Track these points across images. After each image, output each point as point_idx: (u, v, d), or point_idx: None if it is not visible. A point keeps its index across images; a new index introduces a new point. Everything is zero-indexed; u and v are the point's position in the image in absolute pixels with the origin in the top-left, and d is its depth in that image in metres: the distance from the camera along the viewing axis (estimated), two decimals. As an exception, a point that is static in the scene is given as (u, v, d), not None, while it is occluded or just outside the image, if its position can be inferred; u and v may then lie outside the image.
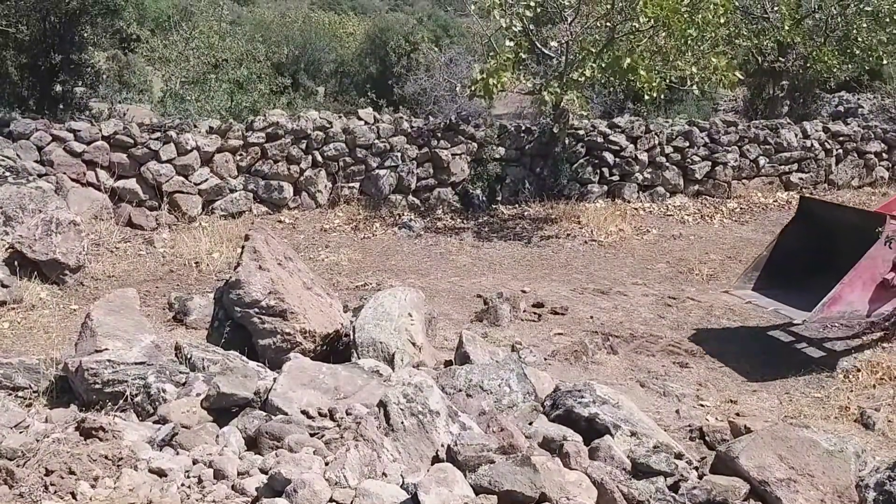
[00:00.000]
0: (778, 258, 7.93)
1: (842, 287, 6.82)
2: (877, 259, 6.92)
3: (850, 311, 7.03)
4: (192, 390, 4.70)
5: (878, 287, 7.01)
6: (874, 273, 6.96)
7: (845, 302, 6.92)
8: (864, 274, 6.92)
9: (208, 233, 10.43)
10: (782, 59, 15.76)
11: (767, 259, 7.99)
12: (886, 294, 7.10)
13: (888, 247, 6.86)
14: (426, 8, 37.89)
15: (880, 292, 7.06)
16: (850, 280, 6.86)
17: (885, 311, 7.22)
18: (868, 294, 7.01)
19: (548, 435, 4.35)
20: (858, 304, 7.00)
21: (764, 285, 7.85)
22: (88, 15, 12.28)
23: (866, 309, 7.07)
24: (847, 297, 6.88)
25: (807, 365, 7.05)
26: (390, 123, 12.18)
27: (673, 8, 10.23)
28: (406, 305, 6.36)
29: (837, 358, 7.16)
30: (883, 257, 6.93)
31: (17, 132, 10.35)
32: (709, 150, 13.38)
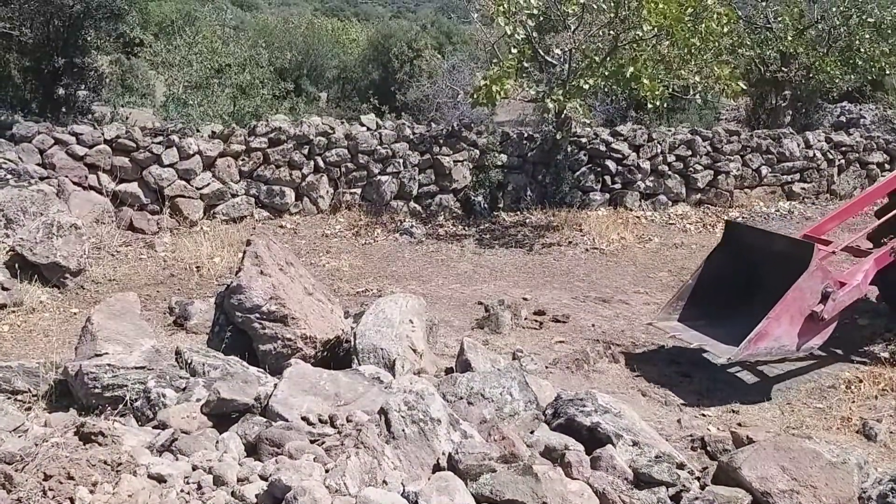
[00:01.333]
0: (705, 287, 7.47)
1: (768, 322, 6.45)
2: (805, 291, 6.56)
3: (777, 346, 6.62)
4: (193, 395, 4.68)
5: (806, 320, 6.61)
6: (802, 306, 6.58)
7: (772, 337, 6.54)
8: (791, 307, 6.55)
9: (209, 237, 10.43)
10: (785, 69, 15.78)
11: (694, 288, 7.56)
12: (816, 327, 6.69)
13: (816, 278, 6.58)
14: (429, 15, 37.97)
15: (809, 326, 6.65)
16: (777, 314, 6.49)
17: (814, 345, 6.81)
18: (796, 328, 6.61)
19: (549, 444, 4.33)
20: (786, 339, 6.60)
21: (690, 316, 7.41)
22: (92, 19, 12.30)
23: (795, 343, 6.66)
24: (774, 332, 6.51)
25: (812, 377, 7.01)
26: (393, 129, 12.18)
27: (676, 17, 10.24)
28: (407, 312, 6.34)
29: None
30: (811, 289, 6.59)
31: (19, 135, 10.36)
32: (711, 159, 13.39)
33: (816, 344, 6.84)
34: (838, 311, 6.74)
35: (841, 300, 6.68)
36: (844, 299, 6.72)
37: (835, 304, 6.63)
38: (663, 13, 10.18)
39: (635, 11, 10.52)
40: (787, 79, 15.81)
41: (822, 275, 6.67)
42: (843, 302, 6.72)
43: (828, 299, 6.59)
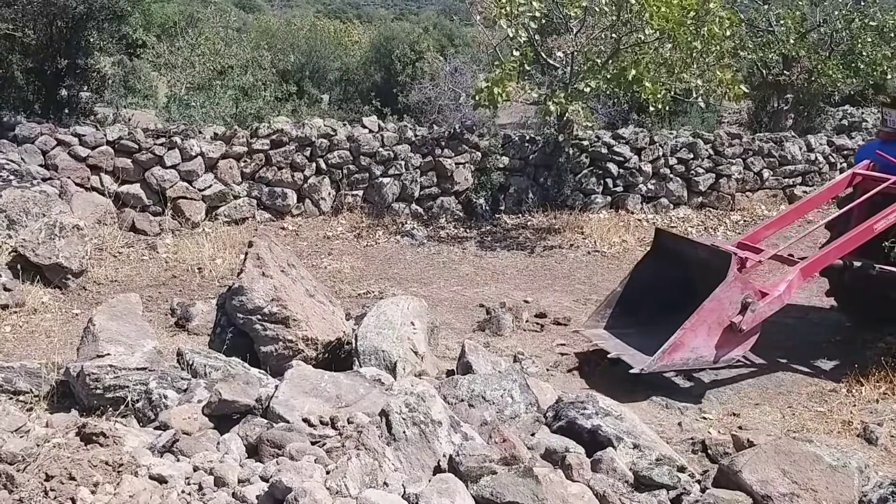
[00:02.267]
0: (636, 295, 7.37)
1: (683, 333, 6.35)
2: (723, 301, 6.45)
3: (694, 357, 6.51)
4: (194, 397, 4.69)
5: (725, 331, 6.51)
6: (721, 316, 6.48)
7: (688, 348, 6.44)
8: (709, 318, 6.44)
9: (211, 239, 10.44)
10: (787, 73, 15.79)
11: (623, 295, 7.43)
12: (735, 338, 6.59)
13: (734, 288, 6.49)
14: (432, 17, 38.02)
15: (728, 336, 6.54)
16: (694, 325, 6.39)
17: (734, 356, 6.70)
18: (714, 339, 6.50)
19: (550, 446, 4.34)
20: (704, 350, 6.49)
21: (617, 324, 7.31)
22: (95, 20, 12.30)
23: (713, 355, 6.54)
24: (690, 342, 6.40)
25: (812, 381, 7.01)
26: (394, 132, 12.19)
27: (678, 21, 10.25)
28: (408, 314, 6.36)
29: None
30: (730, 299, 6.48)
31: (22, 136, 10.37)
32: (713, 163, 13.38)
33: (737, 355, 6.73)
34: (758, 322, 6.62)
35: (761, 311, 6.57)
36: (764, 310, 6.60)
37: (754, 315, 6.52)
38: (665, 16, 10.19)
39: (637, 15, 10.53)
40: (789, 82, 15.81)
41: (742, 285, 6.55)
42: (764, 313, 6.60)
43: (747, 310, 6.48)
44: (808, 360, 7.56)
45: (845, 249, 7.16)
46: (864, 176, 7.76)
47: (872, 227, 7.06)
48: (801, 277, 6.90)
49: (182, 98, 13.83)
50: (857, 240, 7.12)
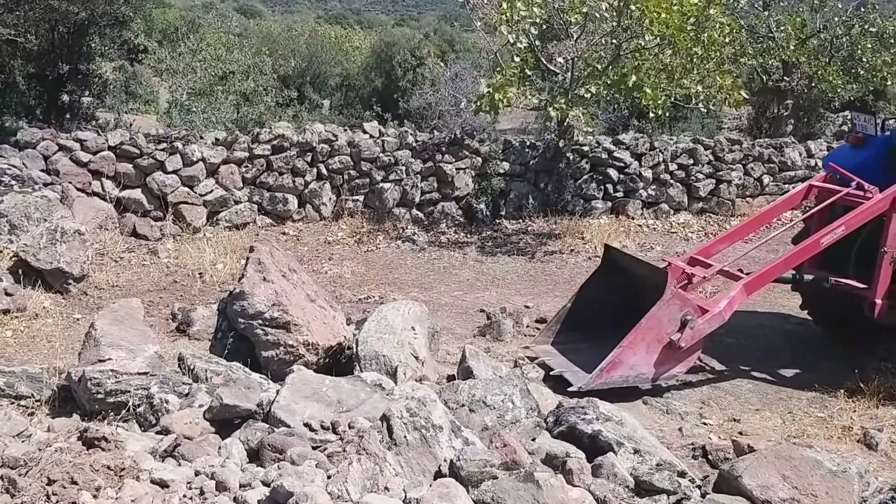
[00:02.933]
0: (584, 310, 7.33)
1: (621, 350, 6.31)
2: (661, 319, 6.40)
3: (633, 374, 6.46)
4: (195, 401, 4.70)
5: (665, 349, 6.46)
6: (660, 333, 6.43)
7: (627, 366, 6.39)
8: (647, 335, 6.40)
9: (212, 244, 10.45)
10: (787, 79, 15.82)
11: (572, 311, 7.40)
12: (675, 356, 6.54)
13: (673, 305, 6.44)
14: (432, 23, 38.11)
15: (668, 354, 6.50)
16: (632, 342, 6.35)
17: (675, 373, 6.67)
18: (654, 356, 6.45)
19: (551, 451, 4.35)
20: (644, 368, 6.44)
21: (567, 339, 7.28)
22: (97, 26, 12.33)
23: (652, 372, 6.49)
24: (629, 360, 6.36)
25: (812, 387, 7.01)
26: (395, 137, 12.21)
27: (679, 27, 10.28)
28: (409, 319, 6.37)
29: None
30: (668, 316, 6.42)
31: (23, 141, 10.39)
32: (713, 168, 13.40)
33: (678, 372, 6.69)
34: (698, 340, 6.58)
35: (700, 328, 6.52)
36: (704, 327, 6.55)
37: (693, 332, 6.48)
38: (666, 23, 10.21)
39: (638, 21, 10.56)
40: (789, 88, 15.85)
41: (680, 302, 6.50)
42: (703, 330, 6.56)
43: (686, 327, 6.44)
44: (808, 364, 7.56)
45: (791, 264, 7.10)
46: (819, 188, 7.68)
47: (819, 241, 7.00)
48: (743, 293, 6.82)
49: (183, 103, 13.85)
50: (804, 254, 7.08)
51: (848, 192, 7.24)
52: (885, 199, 6.96)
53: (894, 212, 6.99)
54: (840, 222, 6.98)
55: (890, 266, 7.02)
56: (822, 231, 7.09)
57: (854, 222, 6.97)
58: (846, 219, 6.98)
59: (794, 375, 7.35)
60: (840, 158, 7.87)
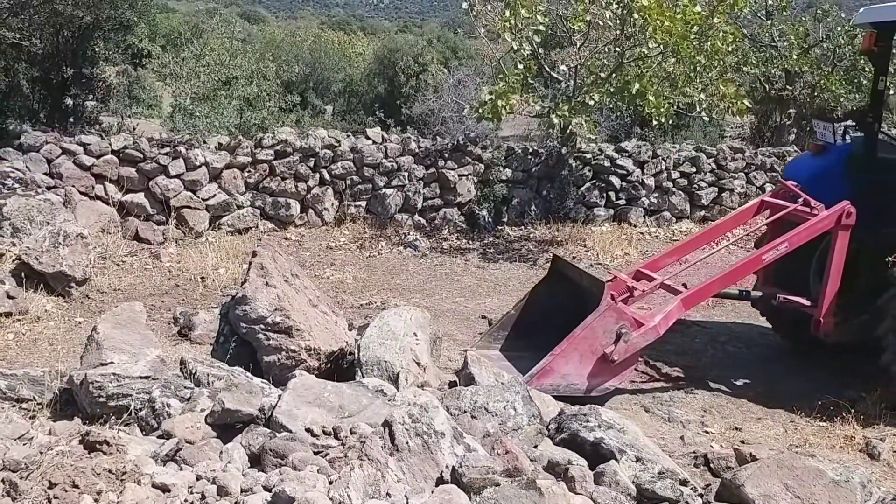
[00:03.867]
0: (532, 318, 7.24)
1: (553, 359, 6.24)
2: (595, 330, 6.34)
3: (565, 384, 6.35)
4: (197, 405, 4.69)
5: (598, 360, 6.38)
6: (594, 345, 6.36)
7: (559, 375, 6.31)
8: (581, 345, 6.34)
9: (214, 248, 10.45)
10: (790, 88, 15.84)
11: (518, 319, 7.32)
12: (609, 368, 6.44)
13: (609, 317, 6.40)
14: (435, 30, 38.17)
15: (602, 366, 6.41)
16: (564, 351, 6.28)
17: (608, 386, 6.53)
18: (587, 368, 6.37)
19: (553, 459, 4.33)
20: (576, 378, 6.35)
21: (512, 347, 7.18)
22: (101, 30, 12.35)
23: (585, 384, 6.39)
24: (561, 369, 6.28)
25: (813, 395, 7.00)
26: (398, 143, 12.23)
27: (682, 35, 10.29)
28: (411, 325, 6.36)
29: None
30: (603, 328, 6.35)
31: (27, 144, 10.40)
32: (715, 177, 13.42)
33: (611, 386, 6.57)
34: (632, 353, 6.51)
35: (635, 342, 6.44)
36: (638, 341, 6.47)
37: (627, 345, 6.40)
38: (669, 31, 10.22)
39: (641, 29, 10.57)
40: (792, 97, 15.87)
41: (616, 315, 6.42)
42: (638, 343, 6.48)
43: (620, 340, 6.38)
44: (810, 373, 7.55)
45: (732, 279, 7.05)
46: (770, 203, 7.60)
47: (761, 257, 6.96)
48: (681, 308, 6.76)
49: (187, 108, 13.87)
50: (746, 269, 7.05)
51: (795, 209, 7.17)
52: (830, 216, 6.88)
53: (840, 229, 6.89)
54: (783, 239, 6.92)
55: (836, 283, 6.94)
56: (766, 247, 7.06)
57: (797, 240, 6.90)
58: (789, 236, 6.92)
59: (796, 384, 7.33)
60: (800, 167, 7.82)
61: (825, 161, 7.55)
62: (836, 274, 6.93)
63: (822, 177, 7.35)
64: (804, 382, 7.33)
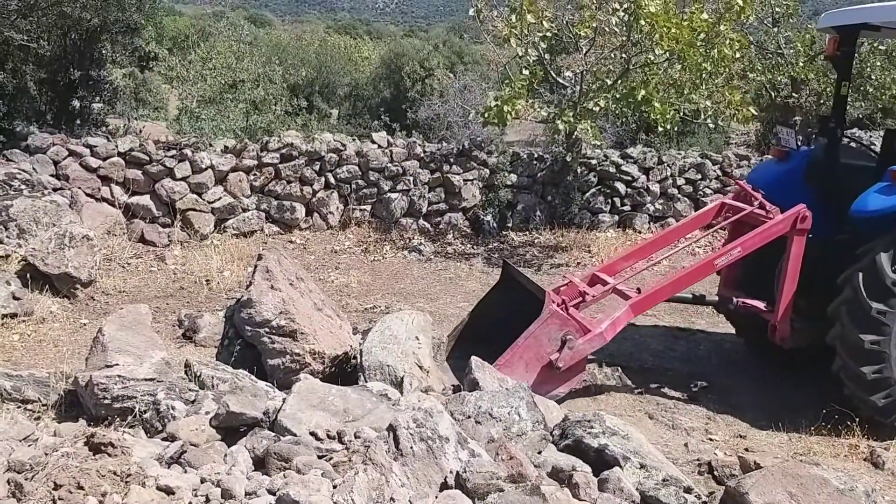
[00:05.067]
0: (484, 325, 7.18)
1: (498, 368, 6.12)
2: (539, 338, 6.28)
3: None
4: (202, 408, 4.70)
5: (544, 368, 6.31)
6: (539, 352, 6.29)
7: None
8: (525, 354, 6.26)
9: (219, 251, 10.47)
10: (796, 95, 15.83)
11: (469, 325, 7.31)
12: (556, 376, 6.38)
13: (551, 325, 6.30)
14: (441, 34, 38.21)
15: (548, 374, 6.33)
16: (508, 361, 6.22)
17: (557, 393, 6.42)
18: (533, 376, 6.27)
19: (557, 465, 4.34)
20: None
21: (462, 355, 6.91)
22: (109, 33, 12.38)
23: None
24: (507, 378, 6.07)
25: (818, 403, 6.98)
26: (403, 148, 12.24)
27: (689, 42, 10.28)
28: (413, 329, 6.36)
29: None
30: (548, 336, 6.30)
31: (34, 146, 10.43)
32: (721, 183, 13.41)
33: (560, 393, 6.47)
34: (578, 360, 6.44)
35: (580, 349, 6.38)
36: (584, 347, 6.41)
37: (572, 352, 6.34)
38: (675, 38, 10.22)
39: (647, 35, 10.57)
40: (798, 105, 15.85)
41: (560, 322, 6.36)
42: (583, 350, 6.41)
43: (565, 347, 6.32)
44: (815, 381, 7.53)
45: (683, 285, 6.96)
46: (729, 205, 7.52)
47: (713, 262, 6.90)
48: (630, 313, 6.69)
49: (193, 111, 13.91)
50: (697, 275, 6.94)
51: (751, 212, 7.12)
52: (786, 220, 6.79)
53: (795, 233, 6.81)
54: (736, 243, 6.85)
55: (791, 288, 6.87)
56: (718, 252, 7.02)
57: (751, 244, 6.80)
58: (742, 240, 6.84)
59: (801, 392, 7.31)
60: (762, 173, 7.80)
61: (786, 166, 7.52)
62: (792, 279, 6.85)
63: (782, 182, 7.31)
64: (808, 391, 7.30)
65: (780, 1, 16.05)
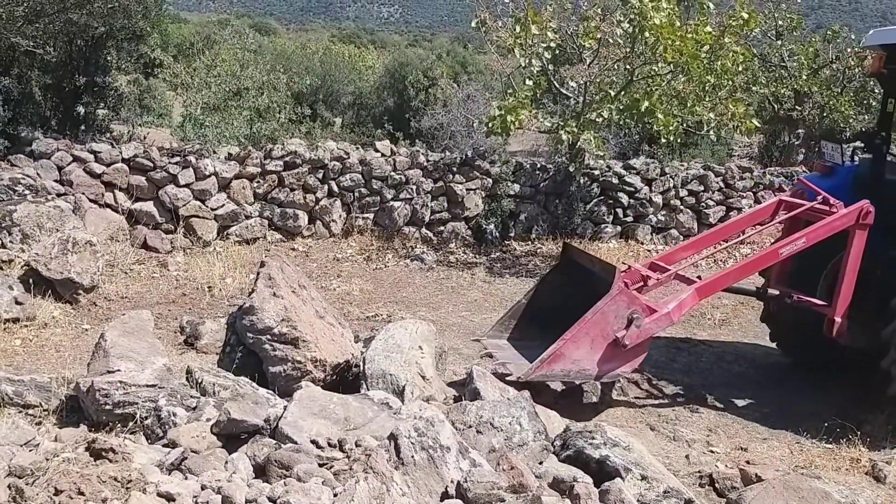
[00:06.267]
0: (542, 307, 7.20)
1: (563, 343, 6.18)
2: (608, 314, 6.29)
3: (575, 370, 6.32)
4: (203, 415, 4.70)
5: (609, 346, 6.33)
6: (605, 330, 6.30)
7: (569, 360, 6.25)
8: (592, 330, 6.28)
9: (222, 258, 10.48)
10: (799, 108, 15.85)
11: (527, 307, 7.28)
12: (621, 354, 6.40)
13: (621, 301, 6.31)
14: (445, 44, 38.26)
15: (613, 351, 6.35)
16: (575, 336, 6.23)
17: (620, 372, 6.54)
18: (598, 353, 6.32)
19: (558, 475, 4.32)
20: (587, 363, 6.30)
21: (523, 335, 7.12)
22: (115, 39, 12.43)
23: (595, 370, 6.35)
24: (571, 354, 6.22)
25: (819, 416, 6.97)
26: (407, 156, 12.26)
27: (693, 54, 10.31)
28: (416, 338, 6.37)
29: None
30: (615, 313, 6.30)
31: (38, 151, 10.46)
32: (723, 195, 13.42)
33: (623, 371, 6.57)
34: (644, 339, 6.47)
35: (647, 327, 6.40)
36: (651, 327, 6.44)
37: (639, 331, 6.36)
38: (679, 50, 10.24)
39: (651, 47, 10.59)
40: (801, 117, 15.87)
41: (628, 300, 6.38)
42: (650, 329, 6.44)
43: (632, 325, 6.34)
44: (817, 394, 7.52)
45: (747, 272, 7.04)
46: (787, 202, 7.56)
47: (777, 251, 6.92)
48: (695, 297, 6.72)
49: (197, 118, 13.91)
50: (761, 263, 7.03)
51: (813, 206, 7.14)
52: (850, 213, 6.82)
53: (858, 228, 6.83)
54: (801, 234, 6.89)
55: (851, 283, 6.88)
56: (783, 241, 7.03)
57: (815, 235, 6.83)
58: (807, 231, 6.88)
59: (802, 405, 7.30)
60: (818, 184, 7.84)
61: (832, 182, 7.52)
62: (852, 273, 6.85)
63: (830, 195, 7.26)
64: (810, 403, 7.30)
65: (783, 14, 16.10)
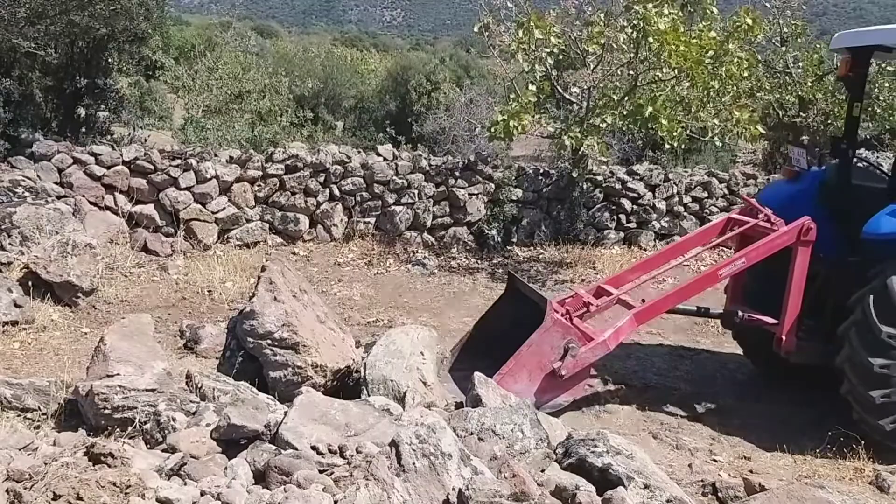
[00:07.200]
0: (491, 336, 7.06)
1: (501, 378, 6.11)
2: (542, 346, 6.29)
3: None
4: (202, 420, 4.65)
5: (547, 377, 6.31)
6: (542, 361, 6.30)
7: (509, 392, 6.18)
8: (528, 362, 6.27)
9: (222, 262, 10.45)
10: (803, 114, 15.81)
11: (474, 337, 7.25)
12: (559, 384, 6.37)
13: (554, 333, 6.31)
14: (448, 48, 38.31)
15: (551, 382, 6.34)
16: (512, 369, 6.20)
17: (561, 402, 6.45)
18: (536, 384, 6.30)
19: (560, 483, 4.27)
20: (525, 395, 6.13)
21: (467, 367, 6.81)
22: (116, 41, 12.42)
23: (534, 401, 6.18)
24: (511, 387, 6.08)
25: (823, 425, 6.92)
26: (409, 161, 12.23)
27: (697, 60, 10.27)
28: (418, 344, 6.32)
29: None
30: (550, 344, 6.31)
31: (38, 153, 10.44)
32: (727, 202, 13.38)
33: (564, 401, 6.49)
34: (582, 368, 6.43)
35: (583, 357, 6.38)
36: (587, 356, 6.40)
37: (575, 360, 6.34)
38: (684, 56, 10.21)
39: (656, 53, 10.56)
40: (805, 124, 15.83)
41: (563, 330, 6.37)
42: (586, 358, 6.41)
43: (567, 355, 6.31)
44: (820, 403, 7.46)
45: (686, 295, 6.96)
46: (735, 219, 7.48)
47: (717, 273, 6.92)
48: (633, 323, 6.68)
49: (198, 121, 13.92)
50: (700, 285, 6.95)
51: (756, 224, 7.11)
52: (791, 231, 6.77)
53: (800, 245, 6.78)
54: (741, 254, 6.85)
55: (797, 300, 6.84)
56: (723, 263, 7.01)
57: (755, 254, 6.80)
58: (746, 251, 6.84)
59: (806, 414, 7.25)
60: (773, 193, 7.76)
61: (797, 186, 7.48)
62: (798, 290, 6.81)
63: (793, 202, 7.24)
64: (814, 413, 7.24)
65: (788, 21, 16.07)
